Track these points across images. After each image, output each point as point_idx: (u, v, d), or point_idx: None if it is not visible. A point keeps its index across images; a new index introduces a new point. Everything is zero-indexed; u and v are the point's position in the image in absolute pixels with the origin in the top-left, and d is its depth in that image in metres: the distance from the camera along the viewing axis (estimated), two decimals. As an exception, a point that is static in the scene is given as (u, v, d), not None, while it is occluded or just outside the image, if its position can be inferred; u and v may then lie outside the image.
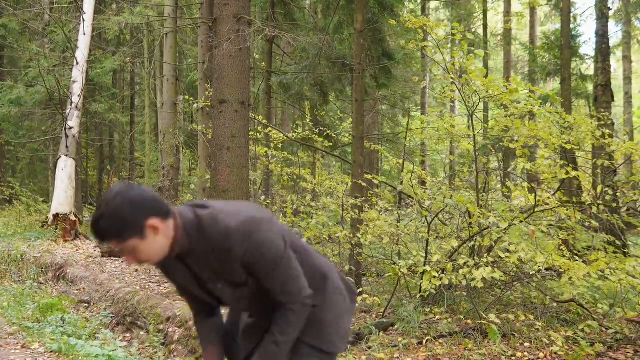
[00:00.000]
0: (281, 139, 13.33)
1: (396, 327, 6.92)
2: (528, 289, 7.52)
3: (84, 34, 17.72)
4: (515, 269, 7.32)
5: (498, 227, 6.73)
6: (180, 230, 2.50)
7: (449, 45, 22.62)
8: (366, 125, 16.17)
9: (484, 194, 8.70)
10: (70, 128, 16.94)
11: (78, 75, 17.51)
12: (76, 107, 17.20)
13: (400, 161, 11.83)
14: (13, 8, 24.10)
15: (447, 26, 26.14)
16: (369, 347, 6.27)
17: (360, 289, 8.47)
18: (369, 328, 6.68)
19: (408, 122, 12.65)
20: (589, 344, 6.07)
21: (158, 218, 2.42)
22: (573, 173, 7.33)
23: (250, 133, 10.46)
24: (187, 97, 14.45)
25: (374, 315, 7.70)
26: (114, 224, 2.34)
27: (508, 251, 7.06)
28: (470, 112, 8.28)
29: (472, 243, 7.42)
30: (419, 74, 21.83)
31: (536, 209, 7.46)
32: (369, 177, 9.45)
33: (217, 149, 9.28)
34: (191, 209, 2.55)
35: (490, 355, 5.92)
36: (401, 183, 9.20)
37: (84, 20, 17.74)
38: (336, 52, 14.43)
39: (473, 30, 26.94)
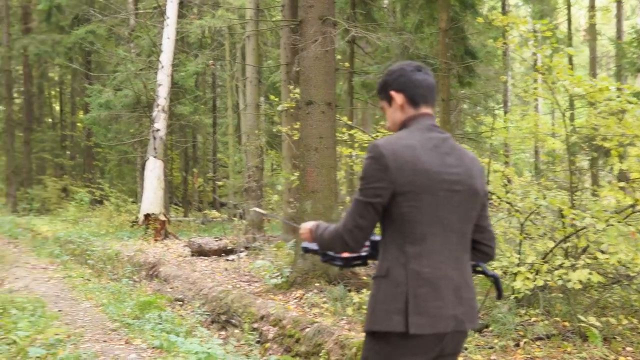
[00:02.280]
0: (366, 139, 13.37)
1: (491, 328, 6.87)
2: (627, 292, 7.36)
3: (168, 38, 18.17)
4: (614, 270, 7.17)
5: (594, 227, 6.62)
6: None
7: (534, 43, 22.18)
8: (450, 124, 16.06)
9: (577, 193, 8.55)
10: (157, 130, 17.41)
11: (163, 78, 17.97)
12: (162, 110, 17.65)
13: (484, 160, 11.70)
14: (100, 15, 24.87)
15: (528, 23, 25.67)
16: (465, 349, 6.26)
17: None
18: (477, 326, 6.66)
19: (493, 121, 12.51)
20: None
21: None
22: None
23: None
24: (272, 97, 14.61)
25: (466, 316, 7.66)
26: None
27: (602, 252, 6.93)
28: (562, 110, 8.15)
29: (567, 244, 7.31)
30: (500, 72, 21.54)
31: (635, 209, 7.29)
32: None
33: (304, 150, 9.40)
34: None
35: (591, 358, 5.83)
36: (487, 183, 9.12)
37: (167, 24, 18.20)
38: (418, 51, 14.39)
39: (556, 25, 26.37)
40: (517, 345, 6.28)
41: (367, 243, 2.94)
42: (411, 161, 2.66)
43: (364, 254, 2.97)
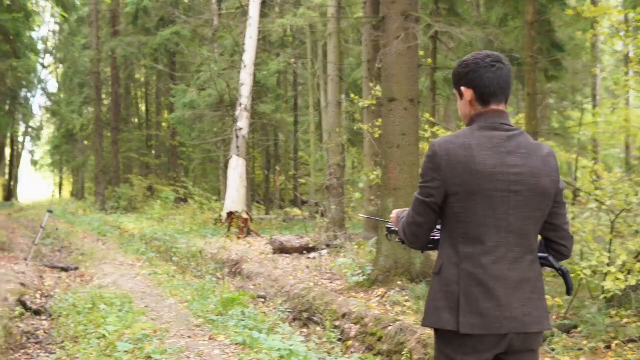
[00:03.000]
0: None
1: (579, 329, 6.64)
2: None
3: (251, 37, 18.35)
4: None
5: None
6: None
7: (627, 33, 21.40)
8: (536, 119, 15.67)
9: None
10: (240, 129, 17.61)
11: (246, 77, 18.17)
12: (245, 109, 17.85)
13: (572, 156, 11.37)
14: (185, 16, 25.37)
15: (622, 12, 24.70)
16: (552, 350, 6.06)
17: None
18: (551, 330, 6.46)
19: (581, 115, 12.13)
20: None
21: None
22: None
23: (417, 131, 10.38)
24: (353, 95, 14.55)
25: (554, 317, 7.44)
26: None
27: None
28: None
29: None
30: (589, 65, 20.88)
31: None
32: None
33: (387, 147, 9.29)
34: None
35: (689, 363, 5.55)
36: (575, 179, 8.84)
37: (250, 24, 18.38)
38: (502, 45, 14.07)
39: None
40: (608, 347, 6.04)
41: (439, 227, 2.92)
42: (465, 161, 2.65)
43: (437, 237, 2.93)
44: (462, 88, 2.85)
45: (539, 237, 2.89)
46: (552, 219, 2.82)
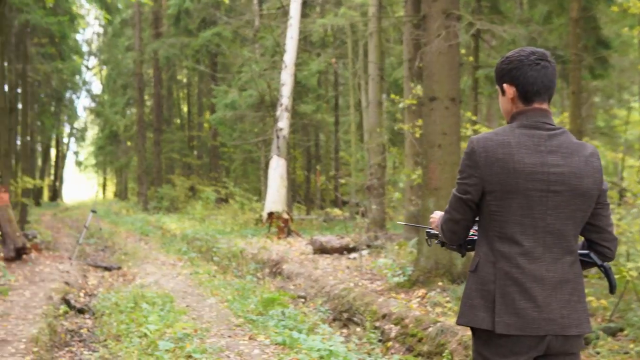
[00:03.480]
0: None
1: (625, 332, 6.49)
2: None
3: (291, 37, 18.38)
4: None
5: None
6: None
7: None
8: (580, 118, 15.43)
9: None
10: (281, 129, 17.64)
11: (287, 77, 18.20)
12: (285, 109, 17.88)
13: (618, 156, 11.14)
14: (226, 17, 25.51)
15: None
16: (597, 353, 5.93)
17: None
18: (596, 333, 6.33)
19: (628, 114, 11.89)
20: None
21: None
22: None
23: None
24: (393, 95, 14.47)
25: (599, 319, 7.28)
26: None
27: None
28: None
29: None
30: (636, 62, 20.46)
31: None
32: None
33: (427, 147, 9.21)
34: None
35: None
36: (621, 179, 8.66)
37: (291, 24, 18.40)
38: (546, 43, 13.86)
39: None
40: (657, 351, 5.88)
41: (476, 228, 2.87)
42: (503, 159, 2.61)
43: (475, 238, 2.89)
44: (505, 85, 2.78)
45: (581, 239, 2.84)
46: (594, 220, 2.77)
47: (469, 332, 6.26)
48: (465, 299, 2.73)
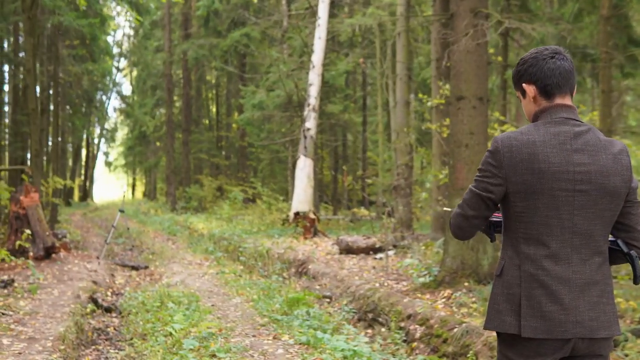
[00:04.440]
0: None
1: (655, 334, 6.38)
2: None
3: (319, 37, 18.39)
4: None
5: None
6: None
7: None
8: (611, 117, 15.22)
9: None
10: (308, 129, 17.66)
11: (314, 78, 18.21)
12: (313, 109, 17.89)
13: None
14: (255, 17, 25.59)
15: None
16: (626, 355, 5.84)
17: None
18: (624, 334, 6.23)
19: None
20: None
21: None
22: None
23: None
24: (421, 95, 14.42)
25: (628, 321, 7.17)
26: None
27: None
28: None
29: None
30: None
31: None
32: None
33: (454, 146, 9.15)
34: None
35: None
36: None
37: (319, 24, 18.41)
38: (575, 41, 13.69)
39: None
40: (687, 354, 5.77)
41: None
42: (527, 159, 2.56)
43: (499, 219, 2.84)
44: (524, 85, 2.74)
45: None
46: (624, 219, 2.70)
47: (494, 334, 6.21)
48: (491, 304, 2.69)
